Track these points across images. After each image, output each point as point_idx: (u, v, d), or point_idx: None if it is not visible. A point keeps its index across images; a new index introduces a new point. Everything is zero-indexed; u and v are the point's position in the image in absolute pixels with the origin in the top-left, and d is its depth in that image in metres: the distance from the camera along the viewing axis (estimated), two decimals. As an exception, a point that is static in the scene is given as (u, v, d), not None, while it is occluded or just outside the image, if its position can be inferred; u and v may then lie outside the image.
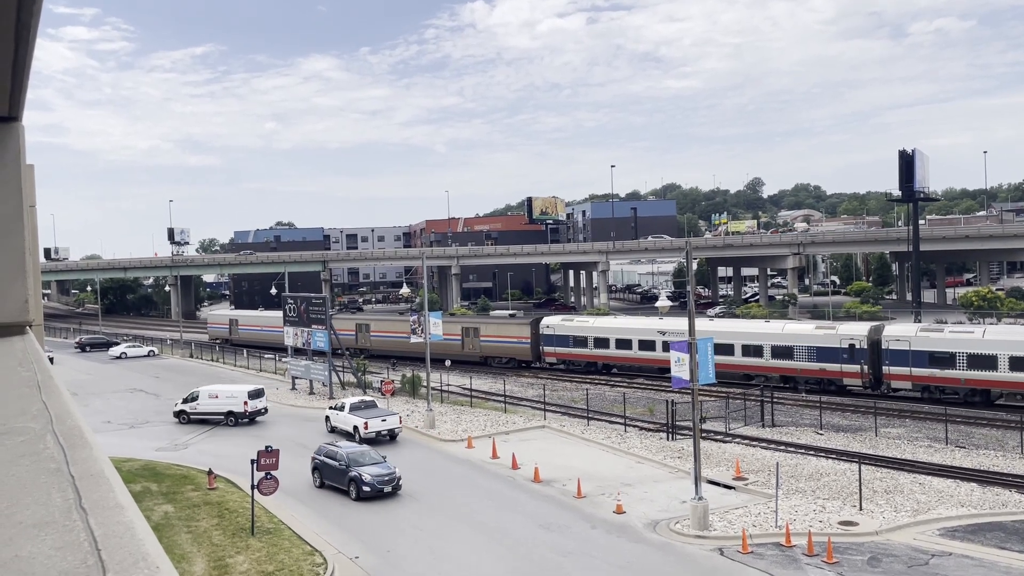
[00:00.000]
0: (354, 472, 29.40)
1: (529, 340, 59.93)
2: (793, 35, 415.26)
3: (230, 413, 43.93)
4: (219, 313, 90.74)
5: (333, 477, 30.39)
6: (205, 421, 44.28)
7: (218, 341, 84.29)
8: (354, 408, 39.89)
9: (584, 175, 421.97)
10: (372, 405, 40.91)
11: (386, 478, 29.38)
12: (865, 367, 44.99)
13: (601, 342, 56.05)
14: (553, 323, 59.76)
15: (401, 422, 40.10)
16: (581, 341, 56.97)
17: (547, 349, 59.13)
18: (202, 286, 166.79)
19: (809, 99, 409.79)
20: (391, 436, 38.81)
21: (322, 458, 31.24)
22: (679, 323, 50.30)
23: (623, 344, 54.97)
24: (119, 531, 1.43)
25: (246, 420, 43.76)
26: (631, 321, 59.79)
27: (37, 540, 1.42)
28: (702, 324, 49.01)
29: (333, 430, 40.36)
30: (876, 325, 48.25)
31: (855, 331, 46.61)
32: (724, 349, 46.88)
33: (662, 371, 49.56)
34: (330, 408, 42.04)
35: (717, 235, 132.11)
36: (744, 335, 50.09)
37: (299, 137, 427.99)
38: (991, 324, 59.51)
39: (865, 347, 45.07)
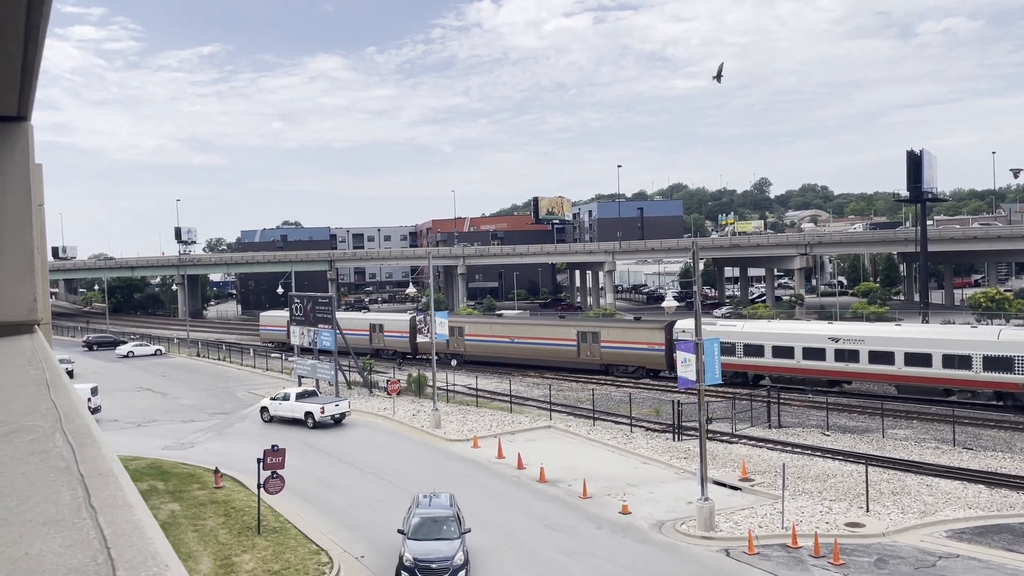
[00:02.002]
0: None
1: (663, 346, 53.16)
2: (800, 35, 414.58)
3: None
4: (275, 314, 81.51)
5: None
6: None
7: (272, 345, 78.14)
8: (301, 396, 43.56)
9: (590, 175, 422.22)
10: (314, 394, 45.11)
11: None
12: None
13: (753, 349, 49.34)
14: (690, 327, 53.43)
15: (350, 407, 44.16)
16: (727, 348, 48.78)
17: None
18: (209, 285, 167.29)
19: (816, 99, 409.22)
20: (341, 419, 42.82)
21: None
22: (855, 329, 47.40)
23: (782, 352, 48.03)
24: (128, 529, 1.44)
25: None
26: (792, 326, 52.76)
27: (47, 538, 1.43)
28: (878, 329, 46.96)
29: (271, 420, 43.41)
30: None
31: None
32: (920, 360, 42.51)
33: (831, 383, 46.08)
34: (269, 399, 44.66)
35: (724, 235, 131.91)
36: (944, 342, 42.73)
37: (305, 136, 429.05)
38: None
39: None
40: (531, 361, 59.49)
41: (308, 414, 42.31)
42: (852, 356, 44.81)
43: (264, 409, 44.42)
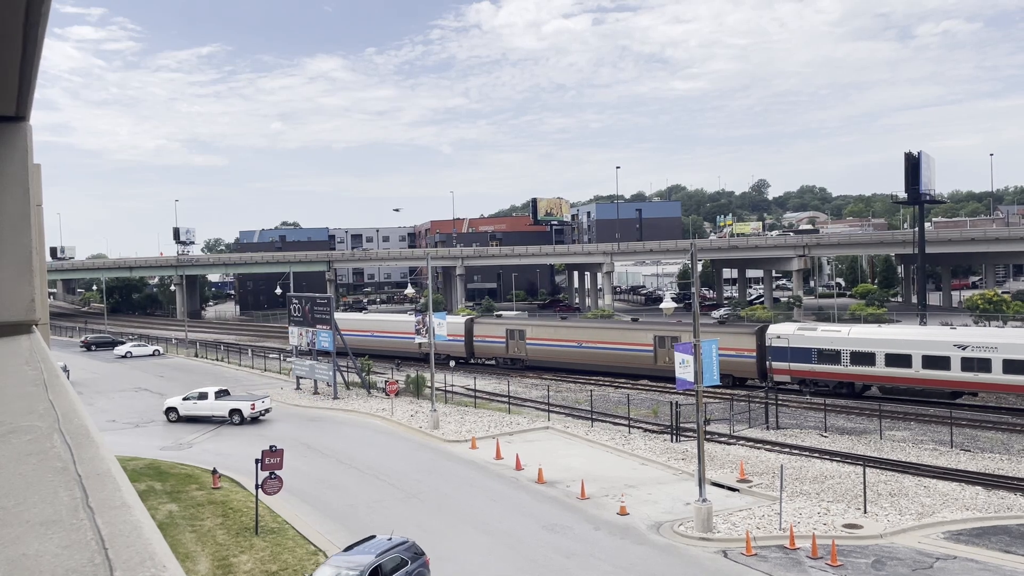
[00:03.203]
0: None
1: (754, 353, 49.52)
2: (800, 36, 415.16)
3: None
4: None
5: None
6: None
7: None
8: (220, 395, 44.92)
9: (589, 176, 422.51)
10: (228, 392, 46.10)
11: None
12: None
13: (862, 357, 44.84)
14: (787, 332, 48.83)
15: (271, 401, 46.54)
16: (830, 355, 45.95)
17: (778, 365, 48.05)
18: (207, 285, 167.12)
19: (816, 100, 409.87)
20: (265, 414, 44.63)
21: None
22: (986, 335, 43.53)
23: (897, 360, 43.63)
24: (126, 530, 1.43)
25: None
26: (909, 331, 48.04)
27: (44, 538, 1.42)
28: (1014, 335, 42.85)
29: (179, 419, 44.22)
30: None
31: None
32: None
33: (954, 395, 42.91)
34: (180, 399, 45.04)
35: (722, 237, 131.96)
36: None
37: (305, 137, 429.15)
38: None
39: None
40: (601, 367, 55.10)
41: (235, 411, 43.54)
42: (983, 365, 40.91)
43: (172, 409, 44.78)
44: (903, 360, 43.55)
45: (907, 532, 24.71)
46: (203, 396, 44.64)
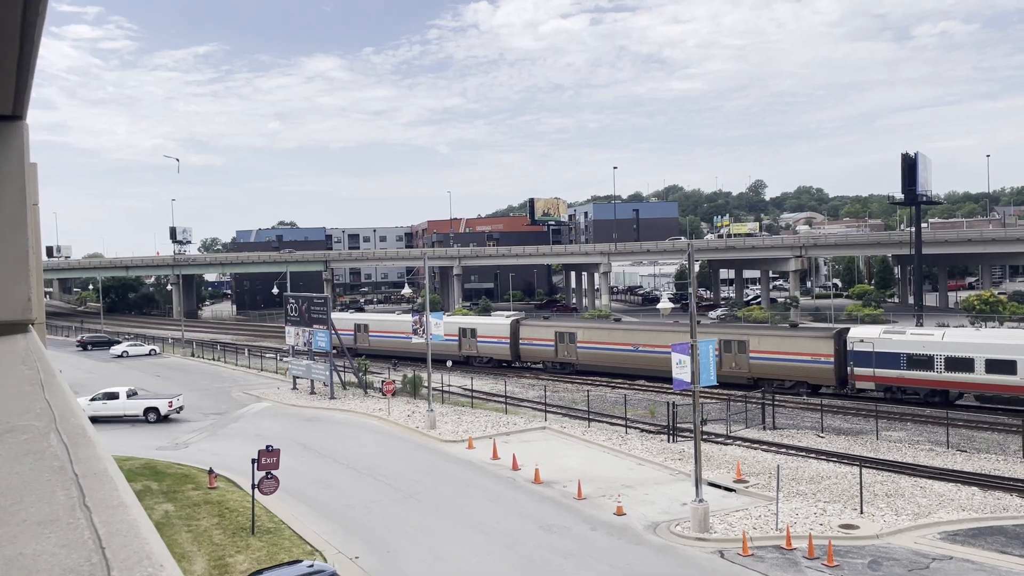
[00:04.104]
0: None
1: (831, 358, 46.37)
2: (798, 37, 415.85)
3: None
4: (339, 316, 73.73)
5: None
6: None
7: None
8: (132, 394, 45.85)
9: (587, 176, 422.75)
10: (136, 393, 46.98)
11: None
12: None
13: (958, 363, 41.59)
14: (871, 335, 45.47)
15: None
16: (921, 361, 42.72)
17: (860, 371, 44.86)
18: (204, 285, 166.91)
19: (814, 101, 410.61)
20: (179, 411, 45.81)
21: None
22: None
23: (1000, 367, 40.24)
24: (123, 529, 1.43)
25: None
26: (1011, 335, 44.53)
27: (41, 538, 1.42)
28: None
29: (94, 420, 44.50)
30: None
31: None
32: None
33: None
34: (88, 400, 44.86)
35: (719, 237, 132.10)
36: None
37: (302, 137, 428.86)
38: None
39: None
40: (659, 373, 50.23)
41: (151, 410, 44.82)
42: None
43: None
44: (1007, 367, 40.14)
45: (903, 532, 24.75)
46: (113, 396, 45.45)
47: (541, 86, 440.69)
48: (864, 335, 45.76)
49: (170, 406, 45.10)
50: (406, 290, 65.22)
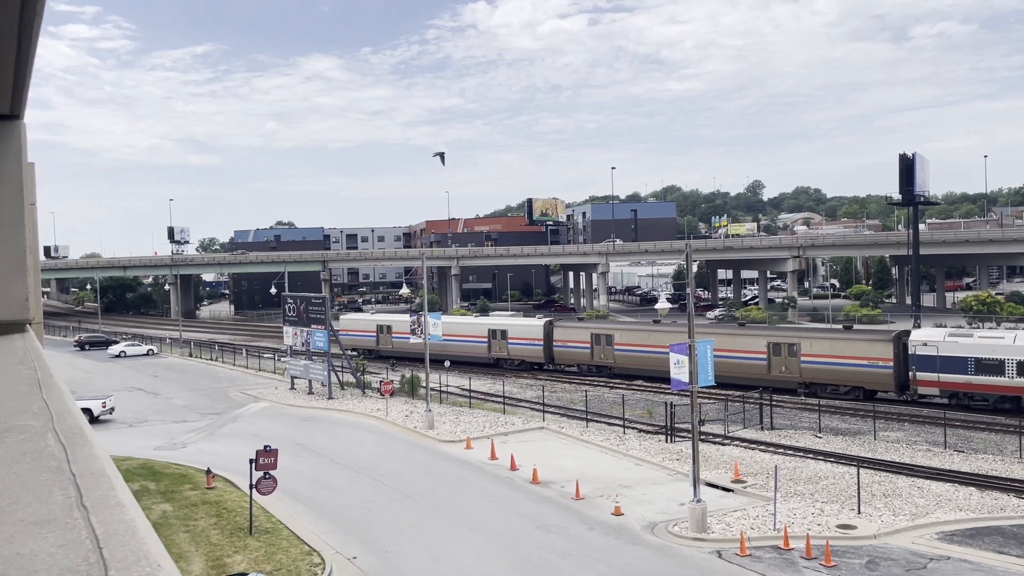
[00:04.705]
0: None
1: (891, 363, 43.97)
2: (796, 37, 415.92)
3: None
4: (359, 317, 72.10)
5: None
6: None
7: (355, 352, 66.79)
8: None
9: (585, 176, 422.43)
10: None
11: None
12: None
13: None
14: (935, 338, 43.09)
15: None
16: (992, 366, 40.48)
17: (924, 376, 42.52)
18: (202, 285, 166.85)
19: (812, 102, 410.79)
20: (111, 412, 45.62)
21: None
22: None
23: None
24: (120, 529, 1.43)
25: None
26: None
27: (39, 538, 1.42)
28: None
29: None
30: None
31: None
32: None
33: None
34: None
35: (717, 238, 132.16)
36: None
37: (300, 137, 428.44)
38: None
39: None
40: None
41: (84, 411, 43.79)
42: None
43: None
44: None
45: (901, 533, 24.78)
46: None
47: (539, 86, 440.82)
48: (928, 338, 43.52)
49: (103, 407, 44.87)
50: (404, 290, 65.08)
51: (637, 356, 54.61)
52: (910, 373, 43.23)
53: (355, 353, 67.08)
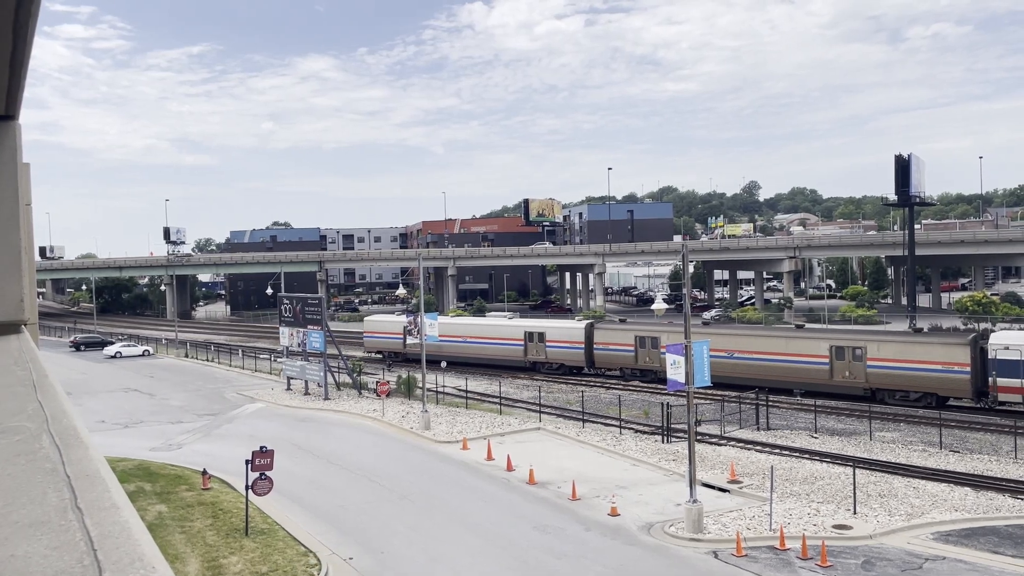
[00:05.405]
0: None
1: (967, 368, 40.97)
2: (792, 38, 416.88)
3: None
4: (384, 319, 70.44)
5: None
6: None
7: (380, 354, 67.87)
8: None
9: (581, 177, 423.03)
10: None
11: None
12: None
13: None
14: (1018, 342, 39.86)
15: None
16: None
17: (1006, 382, 39.54)
18: (198, 286, 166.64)
19: (808, 103, 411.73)
20: None
21: None
22: None
23: None
24: (115, 531, 1.43)
25: None
26: None
27: (33, 540, 1.42)
28: None
29: None
30: None
31: None
32: None
33: None
34: None
35: (713, 238, 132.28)
36: None
37: (296, 137, 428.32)
38: None
39: None
40: (758, 382, 46.12)
41: None
42: None
43: None
44: None
45: (896, 533, 24.82)
46: None
47: (536, 87, 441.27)
48: (1010, 341, 40.28)
49: None
50: (400, 291, 65.00)
51: None
52: (989, 379, 40.42)
53: (380, 355, 67.61)
